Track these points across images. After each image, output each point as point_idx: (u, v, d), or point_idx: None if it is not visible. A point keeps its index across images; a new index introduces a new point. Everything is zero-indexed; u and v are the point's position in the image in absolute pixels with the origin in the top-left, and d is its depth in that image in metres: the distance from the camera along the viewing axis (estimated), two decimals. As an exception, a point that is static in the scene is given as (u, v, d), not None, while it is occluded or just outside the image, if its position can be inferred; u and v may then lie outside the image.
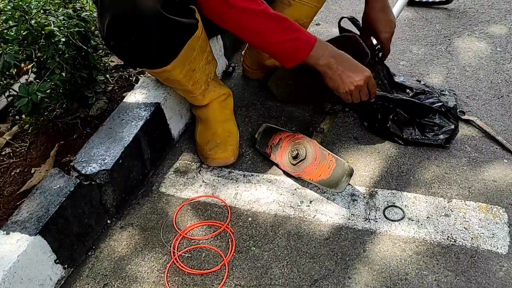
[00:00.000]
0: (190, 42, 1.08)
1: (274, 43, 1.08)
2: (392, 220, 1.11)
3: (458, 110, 1.35)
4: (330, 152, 1.16)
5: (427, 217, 1.11)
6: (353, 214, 1.14)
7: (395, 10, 1.46)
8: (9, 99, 1.26)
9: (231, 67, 1.73)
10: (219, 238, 1.13)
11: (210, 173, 1.31)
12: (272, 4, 1.43)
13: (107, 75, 1.49)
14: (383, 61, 1.38)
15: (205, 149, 1.31)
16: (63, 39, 1.21)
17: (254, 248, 1.09)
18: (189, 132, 1.46)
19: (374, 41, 1.37)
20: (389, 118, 1.31)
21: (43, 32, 1.18)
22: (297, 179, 1.25)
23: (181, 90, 1.27)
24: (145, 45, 1.03)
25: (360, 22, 1.36)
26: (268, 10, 1.06)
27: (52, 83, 1.18)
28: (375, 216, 1.13)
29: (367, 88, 1.17)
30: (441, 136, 1.27)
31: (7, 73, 1.22)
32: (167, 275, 1.05)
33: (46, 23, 1.20)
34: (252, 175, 1.29)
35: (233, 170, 1.31)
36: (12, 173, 1.21)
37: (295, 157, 1.22)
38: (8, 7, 1.19)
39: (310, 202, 1.19)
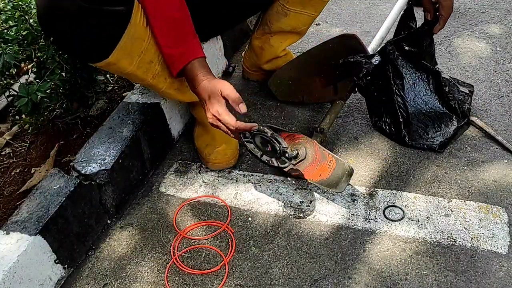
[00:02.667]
0: (131, 32, 1.00)
1: (160, 45, 1.04)
2: (392, 220, 1.11)
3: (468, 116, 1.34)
4: (330, 152, 1.16)
5: (427, 217, 1.11)
6: (353, 214, 1.14)
7: (394, 10, 1.46)
8: (9, 99, 1.26)
9: (231, 67, 1.73)
10: (219, 238, 1.13)
11: (210, 173, 1.31)
12: (268, 12, 1.43)
13: (107, 75, 1.49)
14: (432, 33, 1.28)
15: (204, 153, 1.31)
16: (63, 39, 1.21)
17: (254, 248, 1.09)
18: (189, 132, 1.46)
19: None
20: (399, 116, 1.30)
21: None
22: (297, 179, 1.25)
23: (144, 84, 1.19)
24: (75, 38, 0.98)
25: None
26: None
27: (52, 83, 1.18)
28: (375, 216, 1.13)
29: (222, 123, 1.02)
30: (437, 140, 1.27)
31: (7, 73, 1.22)
32: (167, 275, 1.05)
33: (46, 23, 1.19)
34: (252, 175, 1.29)
35: (233, 170, 1.31)
36: (12, 173, 1.21)
37: (295, 157, 1.22)
38: (8, 7, 1.19)
39: (310, 202, 1.19)
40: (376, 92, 1.32)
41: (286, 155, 1.11)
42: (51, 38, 1.02)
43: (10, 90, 1.25)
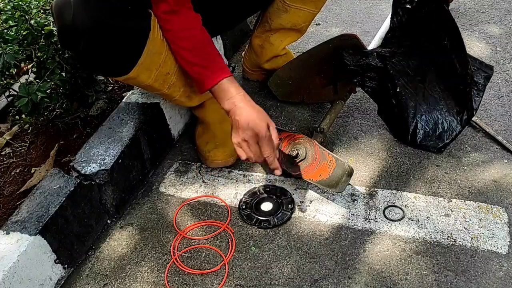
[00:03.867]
0: (150, 47, 1.03)
1: (186, 63, 1.07)
2: (392, 220, 1.11)
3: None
4: (330, 152, 1.16)
5: (427, 217, 1.11)
6: (353, 214, 1.14)
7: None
8: (9, 99, 1.26)
9: (231, 67, 1.73)
10: (219, 238, 1.13)
11: (210, 173, 1.31)
12: (268, 10, 1.43)
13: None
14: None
15: (204, 150, 1.31)
16: (63, 39, 1.21)
17: (254, 248, 1.09)
18: (189, 132, 1.46)
19: None
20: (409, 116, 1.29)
21: (43, 32, 1.18)
22: (297, 179, 1.25)
23: (158, 94, 1.23)
24: (95, 54, 1.00)
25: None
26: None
27: (52, 83, 1.18)
28: (375, 216, 1.13)
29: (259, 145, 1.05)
30: (440, 141, 1.26)
31: (7, 73, 1.22)
32: (167, 275, 1.05)
33: (46, 23, 1.20)
34: (252, 175, 1.29)
35: (233, 170, 1.31)
36: (12, 173, 1.21)
37: (295, 157, 1.22)
38: (8, 7, 1.19)
39: (310, 202, 1.19)
40: (379, 89, 1.30)
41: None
42: (72, 53, 1.03)
43: (10, 90, 1.25)
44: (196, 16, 1.06)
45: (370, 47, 1.40)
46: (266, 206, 1.18)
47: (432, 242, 1.05)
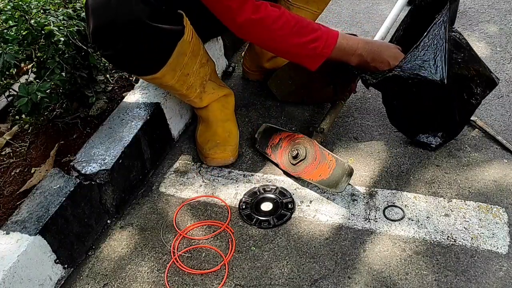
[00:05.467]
0: (179, 48, 1.06)
1: (295, 45, 1.09)
2: (392, 220, 1.11)
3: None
4: (330, 152, 1.16)
5: (427, 217, 1.11)
6: (353, 214, 1.14)
7: (394, 10, 1.46)
8: (9, 99, 1.26)
9: (231, 67, 1.73)
10: (219, 238, 1.13)
11: (210, 173, 1.31)
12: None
13: (107, 75, 1.49)
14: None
15: (204, 148, 1.31)
16: (62, 39, 1.21)
17: (254, 248, 1.09)
18: (189, 132, 1.46)
19: None
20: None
21: (43, 32, 1.18)
22: (297, 179, 1.25)
23: (176, 94, 1.27)
24: (131, 54, 1.02)
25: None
26: (283, 15, 1.07)
27: (52, 83, 1.18)
28: (375, 216, 1.13)
29: None
30: (438, 138, 1.26)
31: (7, 73, 1.22)
32: (167, 275, 1.05)
33: (46, 23, 1.19)
34: (252, 175, 1.29)
35: (233, 170, 1.31)
36: (12, 173, 1.21)
37: (295, 157, 1.22)
38: (8, 7, 1.19)
39: (310, 202, 1.19)
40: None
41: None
42: (99, 50, 1.04)
43: (10, 90, 1.25)
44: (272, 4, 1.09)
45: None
46: (266, 206, 1.18)
47: (432, 242, 1.05)
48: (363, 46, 1.14)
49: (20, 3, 1.17)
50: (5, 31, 1.18)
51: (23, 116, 1.34)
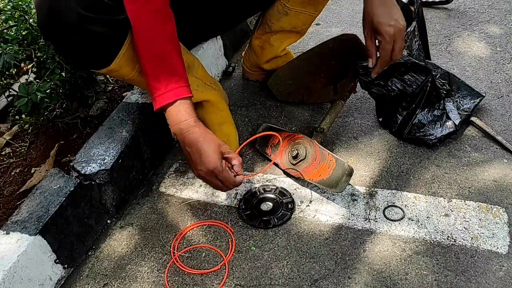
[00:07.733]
0: (130, 39, 1.00)
1: (146, 73, 0.99)
2: (392, 220, 1.11)
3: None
4: (330, 152, 1.16)
5: (427, 217, 1.11)
6: (353, 214, 1.14)
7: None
8: (9, 99, 1.26)
9: (231, 67, 1.73)
10: (219, 238, 1.13)
11: (210, 173, 1.31)
12: (268, 12, 1.42)
13: (107, 75, 1.49)
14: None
15: None
16: (63, 39, 1.21)
17: (254, 248, 1.09)
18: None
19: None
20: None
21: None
22: (297, 179, 1.25)
23: (147, 90, 1.17)
24: (76, 46, 0.98)
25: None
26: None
27: (52, 83, 1.18)
28: (375, 216, 1.13)
29: (220, 180, 1.00)
30: (434, 136, 1.27)
31: (7, 73, 1.22)
32: (167, 275, 1.05)
33: (46, 23, 1.19)
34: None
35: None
36: (12, 173, 1.21)
37: (295, 157, 1.22)
38: (8, 7, 1.19)
39: (310, 202, 1.19)
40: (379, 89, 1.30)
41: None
42: (52, 45, 1.01)
43: (10, 90, 1.25)
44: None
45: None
46: (266, 206, 1.18)
47: (432, 242, 1.05)
48: (179, 133, 0.98)
49: (20, 3, 1.17)
50: (5, 31, 1.18)
51: (23, 116, 1.34)
